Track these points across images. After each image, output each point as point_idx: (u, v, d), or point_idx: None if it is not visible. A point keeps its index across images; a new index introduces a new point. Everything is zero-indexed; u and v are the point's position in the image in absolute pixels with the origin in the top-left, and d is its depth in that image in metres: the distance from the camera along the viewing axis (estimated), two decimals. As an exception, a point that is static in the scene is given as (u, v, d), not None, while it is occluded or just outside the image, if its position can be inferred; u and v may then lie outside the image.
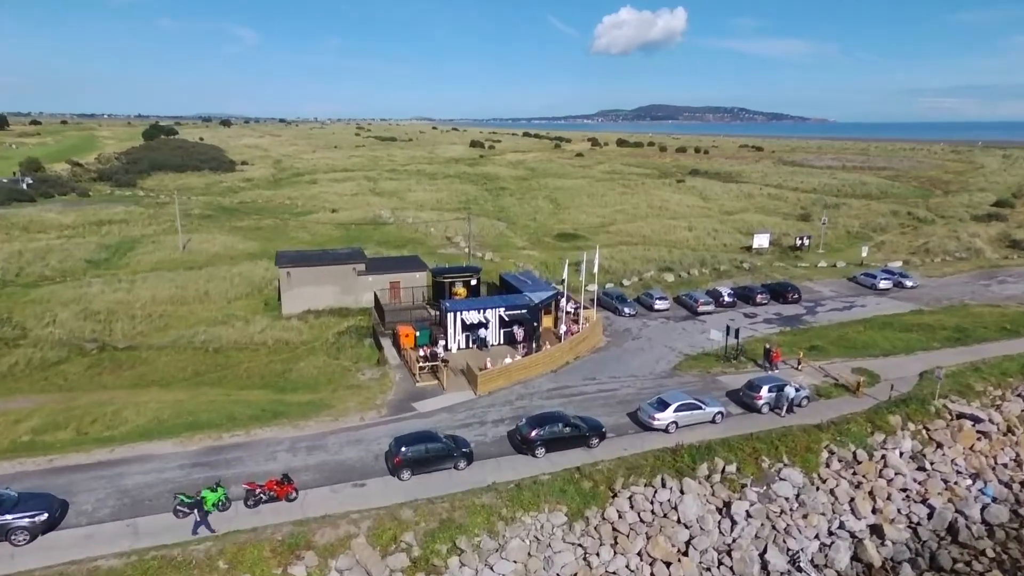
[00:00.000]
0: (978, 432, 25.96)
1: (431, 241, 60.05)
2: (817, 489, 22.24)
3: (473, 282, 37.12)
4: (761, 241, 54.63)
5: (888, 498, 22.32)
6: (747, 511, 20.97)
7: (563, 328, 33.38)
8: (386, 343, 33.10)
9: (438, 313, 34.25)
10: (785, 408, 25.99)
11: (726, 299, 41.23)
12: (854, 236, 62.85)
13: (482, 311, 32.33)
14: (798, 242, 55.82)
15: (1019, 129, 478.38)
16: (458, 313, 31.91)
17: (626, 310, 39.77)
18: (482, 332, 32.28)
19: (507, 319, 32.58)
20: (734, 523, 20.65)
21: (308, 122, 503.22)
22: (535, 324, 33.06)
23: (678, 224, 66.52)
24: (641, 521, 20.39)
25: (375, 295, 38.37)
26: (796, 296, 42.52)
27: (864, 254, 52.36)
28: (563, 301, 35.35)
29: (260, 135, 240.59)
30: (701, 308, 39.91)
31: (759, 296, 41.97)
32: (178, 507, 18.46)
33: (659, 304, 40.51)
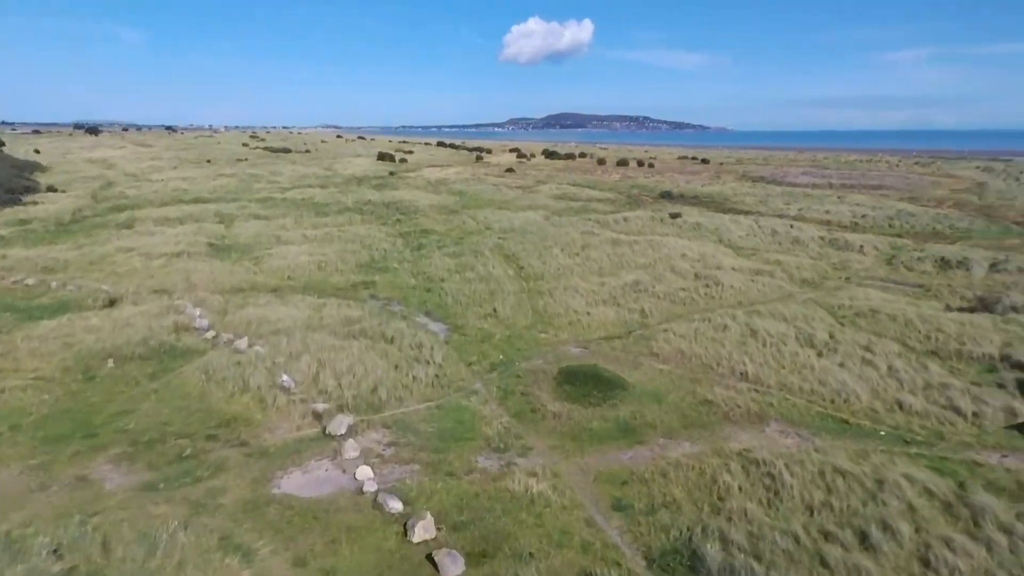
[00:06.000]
0: None
1: (274, 420, 23.29)
2: None
3: None
4: (1078, 420, 21.76)
5: None
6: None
7: None
8: None
9: None
10: None
11: None
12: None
13: None
14: None
15: (905, 137, 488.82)
16: None
17: None
18: None
19: None
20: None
21: (199, 129, 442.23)
22: None
23: (779, 329, 32.66)
24: None
25: None
26: None
27: None
28: None
29: (122, 146, 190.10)
30: None
31: None
32: None
33: None
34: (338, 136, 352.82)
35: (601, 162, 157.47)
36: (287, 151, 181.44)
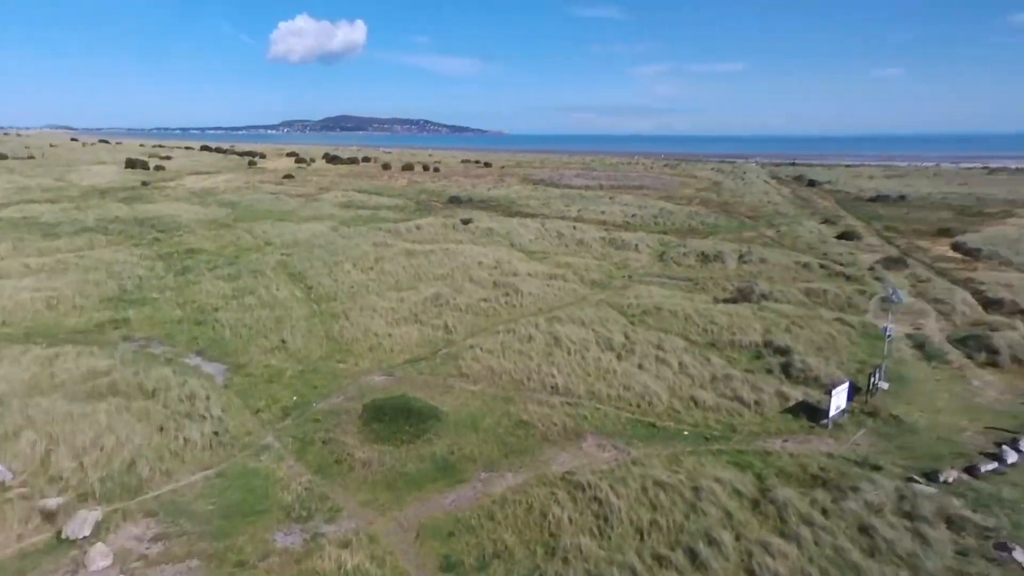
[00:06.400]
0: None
1: (-16, 532, 17.27)
2: None
3: None
4: (840, 400, 24.48)
5: None
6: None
7: None
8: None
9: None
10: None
11: None
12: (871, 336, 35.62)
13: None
14: (872, 382, 27.02)
15: (653, 141, 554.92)
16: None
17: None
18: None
19: None
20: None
21: None
22: None
23: (580, 335, 33.11)
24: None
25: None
26: None
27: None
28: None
29: None
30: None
31: None
32: None
33: None
34: (73, 139, 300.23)
35: (386, 167, 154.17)
36: (3, 157, 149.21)
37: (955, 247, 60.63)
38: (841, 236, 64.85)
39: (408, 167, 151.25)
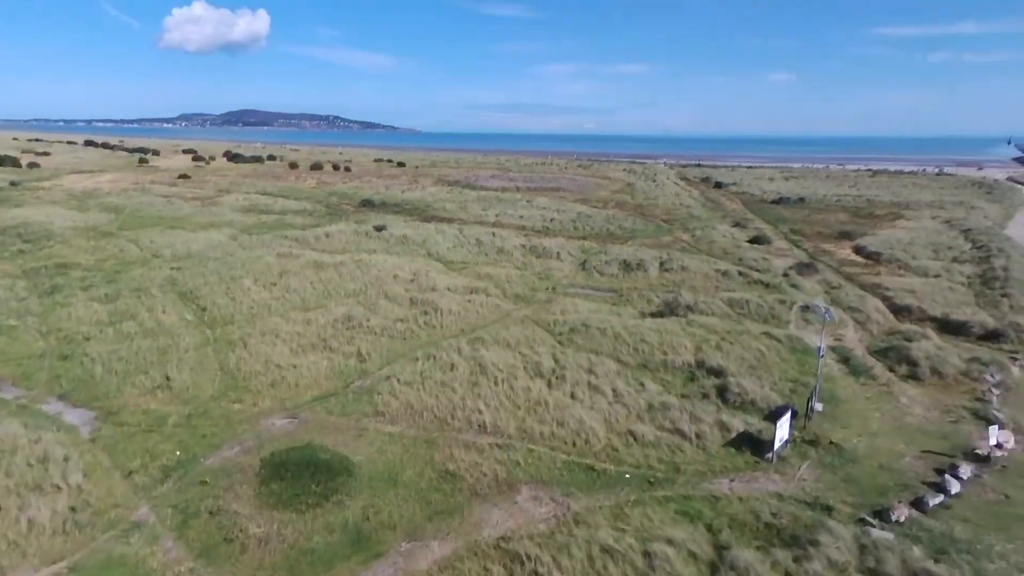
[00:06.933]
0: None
1: None
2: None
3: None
4: (783, 431, 23.05)
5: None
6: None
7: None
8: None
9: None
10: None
11: None
12: (800, 352, 34.85)
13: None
14: (809, 406, 25.94)
15: (564, 140, 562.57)
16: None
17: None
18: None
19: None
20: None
21: None
22: None
23: (506, 360, 30.49)
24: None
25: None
26: None
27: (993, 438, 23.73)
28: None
29: None
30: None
31: None
32: None
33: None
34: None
35: (293, 166, 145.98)
36: None
37: (857, 250, 62.81)
38: (753, 240, 65.80)
39: (317, 166, 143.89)
